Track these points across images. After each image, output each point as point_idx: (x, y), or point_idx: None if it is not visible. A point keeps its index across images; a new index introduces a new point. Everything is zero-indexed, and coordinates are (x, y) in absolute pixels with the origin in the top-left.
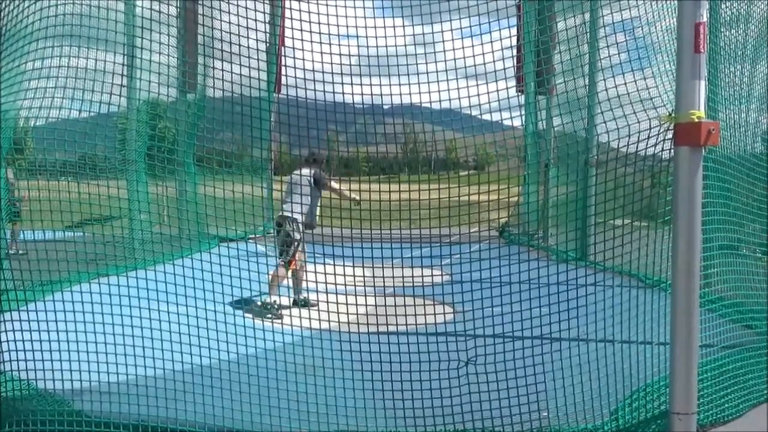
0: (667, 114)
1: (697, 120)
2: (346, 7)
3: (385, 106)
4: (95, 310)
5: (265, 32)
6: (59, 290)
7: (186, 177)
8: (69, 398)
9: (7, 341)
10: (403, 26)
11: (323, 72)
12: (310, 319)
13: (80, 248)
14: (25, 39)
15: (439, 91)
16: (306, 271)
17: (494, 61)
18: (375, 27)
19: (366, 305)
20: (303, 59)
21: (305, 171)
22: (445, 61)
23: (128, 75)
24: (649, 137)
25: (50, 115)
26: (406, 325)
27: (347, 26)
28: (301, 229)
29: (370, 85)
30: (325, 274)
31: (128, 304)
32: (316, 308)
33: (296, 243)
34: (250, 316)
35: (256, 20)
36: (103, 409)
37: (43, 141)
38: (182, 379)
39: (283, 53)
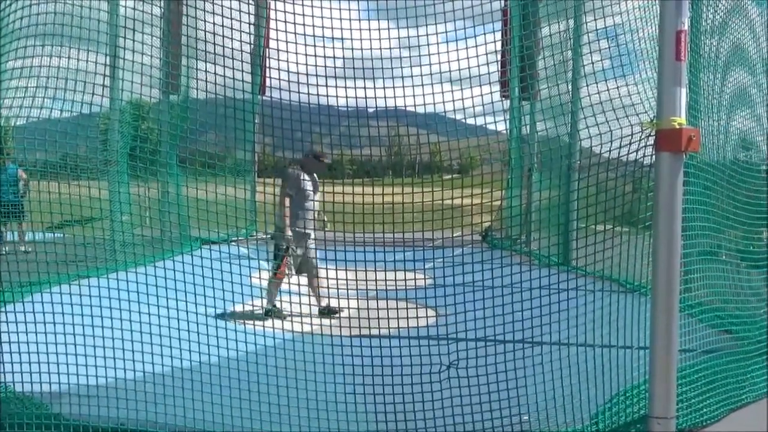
0: (649, 120)
1: (678, 126)
2: (331, 9)
3: (369, 110)
4: (75, 312)
5: (250, 34)
6: (38, 292)
7: (169, 178)
8: (47, 401)
9: None
10: (389, 29)
11: (308, 74)
12: (292, 322)
13: (60, 249)
14: (7, 38)
15: (423, 95)
16: (289, 275)
17: (479, 66)
18: (360, 30)
19: (348, 308)
20: (288, 61)
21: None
22: (430, 65)
23: (111, 75)
24: (630, 143)
25: (32, 115)
26: (389, 328)
27: (332, 29)
28: (287, 237)
29: (355, 88)
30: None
31: (108, 306)
32: (299, 312)
33: (283, 253)
34: (233, 319)
35: (240, 22)
36: (82, 412)
37: (24, 141)
38: (162, 383)
39: (267, 55)
